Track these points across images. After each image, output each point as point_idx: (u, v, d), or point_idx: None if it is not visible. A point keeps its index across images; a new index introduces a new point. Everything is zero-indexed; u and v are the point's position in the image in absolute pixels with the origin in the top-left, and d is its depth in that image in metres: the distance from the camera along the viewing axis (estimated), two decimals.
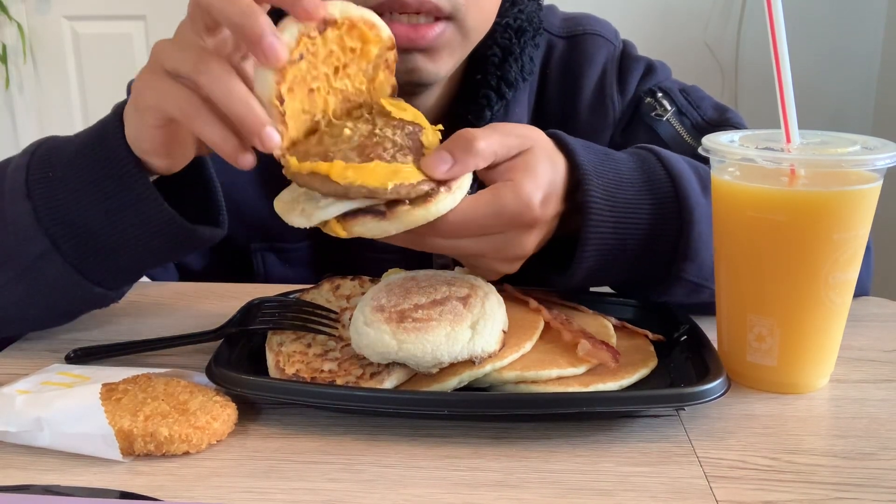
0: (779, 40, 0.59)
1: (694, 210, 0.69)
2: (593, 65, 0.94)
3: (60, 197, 0.66)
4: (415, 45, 0.78)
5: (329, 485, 0.50)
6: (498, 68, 0.87)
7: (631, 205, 0.68)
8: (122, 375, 0.60)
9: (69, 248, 0.66)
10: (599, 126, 0.94)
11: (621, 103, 0.95)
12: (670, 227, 0.69)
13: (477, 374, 0.58)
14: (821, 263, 0.59)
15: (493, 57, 0.87)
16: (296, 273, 0.94)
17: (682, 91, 0.94)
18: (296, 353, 0.62)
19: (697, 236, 0.69)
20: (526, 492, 0.50)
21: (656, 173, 0.70)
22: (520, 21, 0.88)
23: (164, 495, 0.49)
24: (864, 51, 2.33)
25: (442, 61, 0.81)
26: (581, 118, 0.94)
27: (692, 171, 0.71)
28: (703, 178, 0.71)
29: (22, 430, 0.53)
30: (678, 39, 2.19)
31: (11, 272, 0.67)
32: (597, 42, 0.95)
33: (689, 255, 0.69)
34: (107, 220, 0.65)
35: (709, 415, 0.59)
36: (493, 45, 0.87)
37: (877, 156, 0.57)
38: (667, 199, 0.69)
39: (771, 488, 0.50)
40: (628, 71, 0.95)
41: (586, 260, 0.68)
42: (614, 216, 0.67)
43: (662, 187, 0.69)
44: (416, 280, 0.62)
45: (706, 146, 0.62)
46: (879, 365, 0.68)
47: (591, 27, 0.96)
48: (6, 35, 2.53)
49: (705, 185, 0.70)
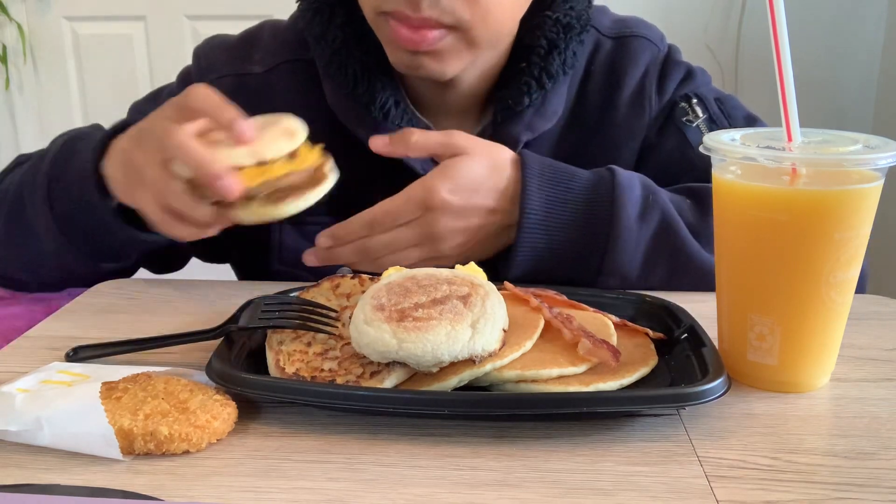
0: (780, 39, 0.59)
1: (621, 235, 0.81)
2: (636, 65, 0.97)
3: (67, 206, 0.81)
4: (417, 48, 0.80)
5: (329, 484, 0.50)
6: (542, 59, 0.90)
7: (565, 223, 0.82)
8: (121, 374, 0.59)
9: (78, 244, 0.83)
10: (636, 124, 0.97)
11: (658, 104, 0.97)
12: (596, 247, 0.82)
13: (477, 373, 0.58)
14: (822, 262, 0.59)
15: (539, 48, 0.90)
16: (309, 246, 0.95)
17: (718, 100, 0.98)
18: (296, 352, 0.62)
19: (620, 257, 0.81)
20: (526, 491, 0.50)
21: (601, 198, 0.82)
22: (569, 17, 0.91)
23: (165, 494, 0.49)
24: (864, 51, 2.33)
25: (447, 63, 0.84)
26: (619, 115, 0.97)
27: (640, 196, 0.83)
28: (649, 204, 0.83)
29: (22, 429, 0.53)
30: (678, 39, 2.17)
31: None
32: (642, 44, 0.99)
33: (611, 270, 0.82)
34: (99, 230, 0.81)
35: (709, 414, 0.59)
36: (542, 37, 0.90)
37: (878, 155, 0.57)
38: (601, 222, 0.81)
39: (771, 488, 0.50)
40: (668, 74, 0.98)
41: (518, 264, 0.82)
42: (547, 231, 0.81)
43: (600, 212, 0.82)
44: (416, 279, 0.62)
45: (707, 145, 0.62)
46: (880, 364, 0.68)
47: (639, 30, 1.00)
48: (6, 35, 2.53)
49: (645, 213, 0.82)
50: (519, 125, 0.92)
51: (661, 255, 0.83)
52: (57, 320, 0.78)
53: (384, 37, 0.85)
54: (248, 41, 0.98)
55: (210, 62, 0.97)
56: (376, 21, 0.84)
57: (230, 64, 0.96)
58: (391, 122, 0.90)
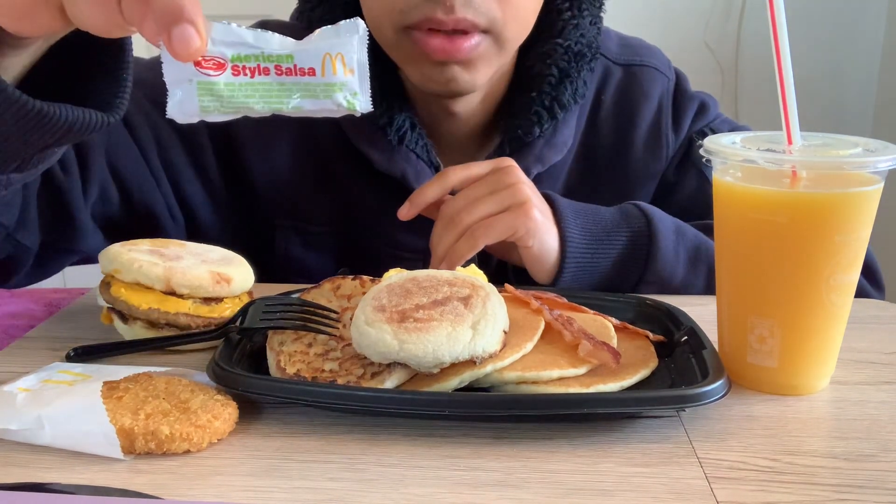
0: (780, 39, 0.59)
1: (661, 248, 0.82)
2: (649, 100, 0.97)
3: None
4: (451, 58, 0.79)
5: (330, 484, 0.50)
6: (554, 89, 0.89)
7: (605, 237, 0.82)
8: (123, 374, 0.60)
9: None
10: (653, 163, 0.97)
11: (675, 142, 0.97)
12: (638, 261, 0.83)
13: (478, 375, 0.58)
14: (822, 265, 0.59)
15: (549, 77, 0.89)
16: (314, 258, 0.95)
17: (732, 132, 0.98)
18: (297, 353, 0.62)
19: (661, 268, 0.82)
20: (526, 492, 0.50)
21: (633, 216, 0.84)
22: (580, 45, 0.90)
23: (166, 494, 0.49)
24: (864, 51, 2.33)
25: (479, 72, 0.83)
26: (635, 153, 0.96)
27: (672, 223, 0.85)
28: (682, 229, 0.85)
29: (23, 428, 0.53)
30: (678, 39, 2.19)
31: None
32: (652, 75, 0.98)
33: (651, 280, 0.83)
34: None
35: (709, 416, 0.59)
36: (553, 65, 0.89)
37: (878, 158, 0.57)
38: (640, 239, 0.83)
39: (771, 490, 0.50)
40: (682, 110, 0.98)
41: (564, 277, 0.82)
42: (590, 246, 0.82)
43: (637, 232, 0.83)
44: (417, 280, 0.62)
45: (707, 147, 0.62)
46: (880, 367, 0.68)
47: (647, 59, 0.99)
48: None
49: (677, 234, 0.84)
50: (529, 157, 0.90)
51: (698, 268, 0.84)
52: (58, 321, 0.78)
53: (407, 55, 0.83)
54: None
55: None
56: (398, 40, 0.82)
57: None
58: (406, 146, 0.89)
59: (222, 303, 0.71)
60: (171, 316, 0.68)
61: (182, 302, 0.69)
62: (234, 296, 0.72)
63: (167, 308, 0.68)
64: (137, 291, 0.68)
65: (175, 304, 0.69)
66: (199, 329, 0.69)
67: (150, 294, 0.68)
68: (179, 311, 0.69)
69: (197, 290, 0.69)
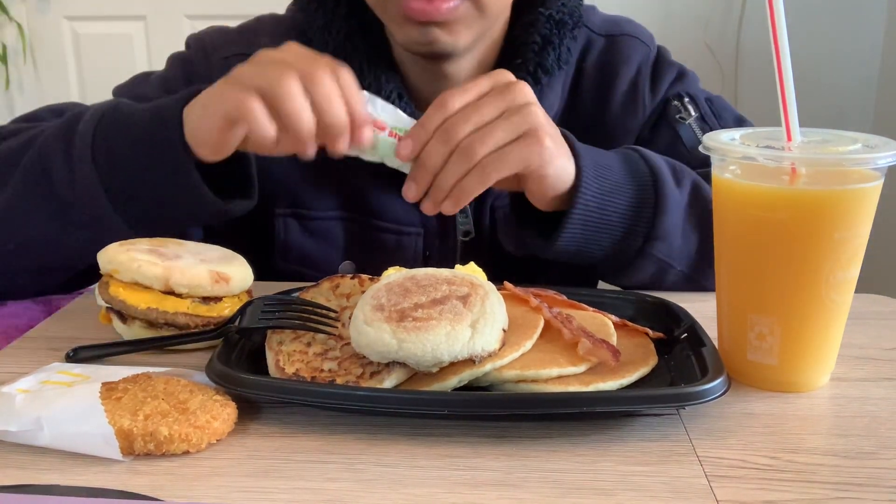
0: (780, 39, 0.59)
1: (669, 197, 0.80)
2: (628, 65, 0.99)
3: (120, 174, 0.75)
4: (431, 19, 0.81)
5: (329, 484, 0.50)
6: (537, 55, 0.91)
7: (616, 187, 0.80)
8: (121, 374, 0.59)
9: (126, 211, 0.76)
10: (630, 122, 0.99)
11: (652, 103, 0.99)
12: (647, 211, 0.80)
13: (477, 374, 0.58)
14: (822, 262, 0.59)
15: (533, 45, 0.91)
16: (316, 245, 0.95)
17: (708, 100, 1.00)
18: (296, 353, 0.62)
19: (669, 220, 0.80)
20: (526, 491, 0.50)
21: (639, 166, 0.82)
22: (562, 14, 0.92)
23: (164, 495, 0.49)
24: (864, 50, 2.33)
25: (459, 35, 0.84)
26: (613, 113, 0.98)
27: (668, 167, 0.83)
28: (678, 172, 0.83)
29: (22, 430, 0.53)
30: (678, 40, 2.18)
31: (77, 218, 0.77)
32: (634, 44, 1.00)
33: (661, 234, 0.80)
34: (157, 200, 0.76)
35: (709, 414, 0.59)
36: (535, 33, 0.91)
37: (878, 154, 0.57)
38: (646, 187, 0.81)
39: (771, 487, 0.50)
40: (661, 74, 1.00)
41: (571, 227, 0.78)
42: (600, 193, 0.78)
43: (643, 178, 0.81)
44: (415, 279, 0.62)
45: (707, 144, 0.62)
46: (880, 363, 0.68)
47: (629, 30, 1.01)
48: (6, 35, 2.53)
49: (679, 179, 0.83)
50: None
51: (694, 218, 0.83)
52: (57, 321, 0.78)
53: (392, 16, 0.84)
54: (249, 30, 0.97)
55: (215, 44, 0.95)
56: (384, 1, 0.83)
57: (238, 44, 0.93)
58: None
59: (221, 302, 0.71)
60: (169, 315, 0.68)
61: (181, 301, 0.69)
62: (232, 295, 0.72)
63: (166, 307, 0.68)
64: (136, 291, 0.68)
65: (174, 303, 0.69)
66: (198, 329, 0.69)
67: (148, 293, 0.68)
68: (178, 311, 0.69)
69: (196, 290, 0.69)
